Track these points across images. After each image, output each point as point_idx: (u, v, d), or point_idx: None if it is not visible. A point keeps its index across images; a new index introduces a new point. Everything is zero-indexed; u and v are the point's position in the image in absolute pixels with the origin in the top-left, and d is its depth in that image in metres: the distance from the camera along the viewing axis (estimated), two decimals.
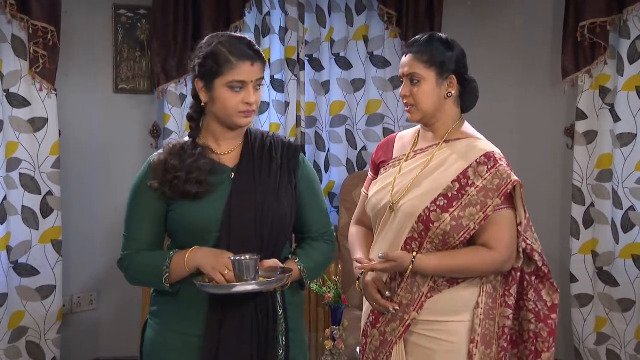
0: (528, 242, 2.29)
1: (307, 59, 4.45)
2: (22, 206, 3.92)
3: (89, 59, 4.31)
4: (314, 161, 4.52)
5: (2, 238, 3.85)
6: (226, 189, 2.12)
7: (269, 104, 4.41)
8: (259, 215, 2.10)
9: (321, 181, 4.53)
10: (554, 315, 2.35)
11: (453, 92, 2.30)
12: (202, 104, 2.13)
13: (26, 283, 3.95)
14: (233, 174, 2.14)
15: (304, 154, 2.30)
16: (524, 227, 2.27)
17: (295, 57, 4.36)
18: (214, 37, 2.12)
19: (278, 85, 4.40)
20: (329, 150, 4.56)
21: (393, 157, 2.43)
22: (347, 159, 4.54)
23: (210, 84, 2.08)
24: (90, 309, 4.41)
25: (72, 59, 4.19)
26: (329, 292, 2.58)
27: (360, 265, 2.29)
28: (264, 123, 4.41)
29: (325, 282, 2.72)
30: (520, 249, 2.26)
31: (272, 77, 4.39)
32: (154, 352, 2.19)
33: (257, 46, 2.12)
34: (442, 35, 2.35)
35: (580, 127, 4.18)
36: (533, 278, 2.30)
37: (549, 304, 2.34)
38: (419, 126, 2.43)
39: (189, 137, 2.17)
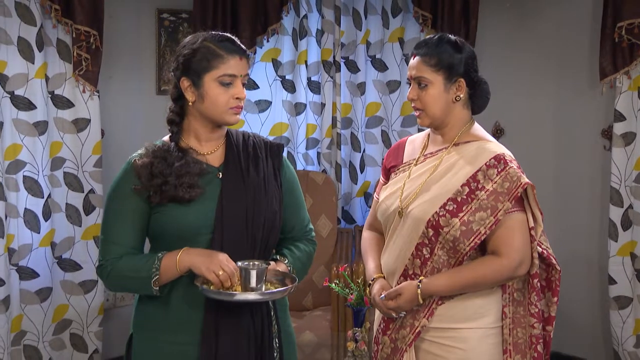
0: (543, 246, 2.19)
1: (343, 60, 4.40)
2: (66, 204, 3.98)
3: (132, 62, 4.34)
4: (350, 161, 4.47)
5: (47, 234, 3.91)
6: (215, 190, 2.03)
7: (305, 105, 4.38)
8: (251, 214, 2.02)
9: (356, 182, 4.49)
10: (549, 327, 2.22)
11: (461, 95, 2.20)
12: (183, 105, 2.05)
13: (69, 277, 4.01)
14: (220, 173, 2.06)
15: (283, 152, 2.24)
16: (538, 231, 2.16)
17: (331, 59, 4.33)
18: (197, 35, 2.05)
19: (314, 87, 4.38)
20: (364, 151, 4.50)
21: (403, 162, 2.35)
22: (382, 159, 4.46)
23: (199, 80, 1.99)
24: (132, 303, 4.42)
25: (116, 62, 4.23)
26: (352, 294, 2.51)
27: (381, 304, 2.22)
28: (301, 124, 4.38)
29: (348, 284, 2.64)
30: (535, 253, 2.15)
31: (308, 79, 4.36)
32: None
33: (239, 42, 2.05)
34: (452, 36, 2.23)
35: (618, 128, 4.04)
36: (535, 281, 2.17)
37: (545, 315, 2.22)
38: (429, 129, 2.34)
39: (171, 141, 2.06)
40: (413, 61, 2.21)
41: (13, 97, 3.74)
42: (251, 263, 1.94)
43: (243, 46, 2.06)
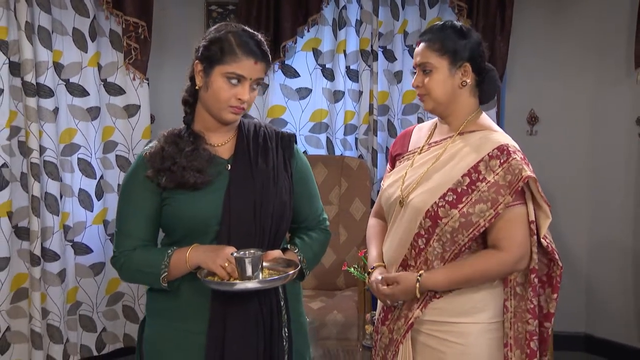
0: (547, 240, 2.03)
1: (381, 50, 4.32)
2: (118, 185, 4.04)
3: (182, 51, 4.31)
4: (386, 147, 4.39)
5: (99, 213, 3.99)
6: (223, 181, 1.94)
7: (344, 92, 4.32)
8: (259, 206, 1.93)
9: None
10: (547, 324, 2.06)
11: (468, 80, 2.06)
12: (196, 88, 1.94)
13: None
14: (229, 165, 1.97)
15: (296, 143, 2.10)
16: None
17: (369, 49, 4.26)
18: (227, 25, 1.96)
19: (353, 75, 4.32)
20: None
21: (409, 150, 2.22)
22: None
23: (209, 69, 1.90)
24: None
25: (167, 52, 4.27)
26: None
27: (374, 281, 2.12)
28: (339, 111, 4.33)
29: (367, 267, 2.56)
30: (535, 248, 1.99)
31: (347, 67, 4.31)
32: (156, 351, 1.99)
33: (266, 47, 1.94)
34: (457, 23, 2.11)
35: None
36: (533, 276, 2.00)
37: (544, 311, 2.06)
38: (437, 117, 2.21)
39: (184, 123, 2.00)
40: (418, 48, 2.10)
41: (68, 84, 3.83)
42: (246, 252, 1.83)
43: (266, 50, 1.94)
